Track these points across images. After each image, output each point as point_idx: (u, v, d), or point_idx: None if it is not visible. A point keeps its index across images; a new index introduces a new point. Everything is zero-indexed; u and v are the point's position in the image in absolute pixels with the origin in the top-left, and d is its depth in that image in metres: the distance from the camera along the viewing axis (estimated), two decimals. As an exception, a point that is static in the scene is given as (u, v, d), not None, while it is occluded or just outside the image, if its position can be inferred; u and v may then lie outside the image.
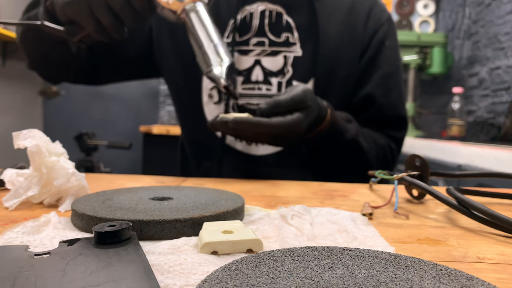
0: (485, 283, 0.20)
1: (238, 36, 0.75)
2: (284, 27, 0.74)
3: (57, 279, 0.20)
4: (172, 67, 0.81)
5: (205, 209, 0.33)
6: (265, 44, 0.74)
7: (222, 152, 0.75)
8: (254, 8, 0.75)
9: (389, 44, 0.78)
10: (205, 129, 0.76)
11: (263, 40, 0.74)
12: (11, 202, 0.38)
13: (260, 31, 0.74)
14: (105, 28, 0.56)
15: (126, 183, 0.56)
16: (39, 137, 0.40)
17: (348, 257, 0.23)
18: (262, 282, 0.19)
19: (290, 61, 0.74)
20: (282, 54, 0.74)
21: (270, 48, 0.74)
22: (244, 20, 0.75)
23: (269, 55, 0.74)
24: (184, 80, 0.79)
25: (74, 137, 2.93)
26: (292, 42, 0.74)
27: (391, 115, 0.78)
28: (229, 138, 0.76)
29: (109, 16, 0.55)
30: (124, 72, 0.88)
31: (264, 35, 0.74)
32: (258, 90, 0.74)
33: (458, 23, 2.64)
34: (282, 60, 0.74)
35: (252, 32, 0.75)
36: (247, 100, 0.74)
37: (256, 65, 0.74)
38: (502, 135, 1.67)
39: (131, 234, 0.26)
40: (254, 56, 0.74)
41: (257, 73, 0.74)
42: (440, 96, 2.78)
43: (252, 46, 0.74)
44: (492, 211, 0.35)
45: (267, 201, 0.45)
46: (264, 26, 0.74)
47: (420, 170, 0.49)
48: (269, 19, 0.74)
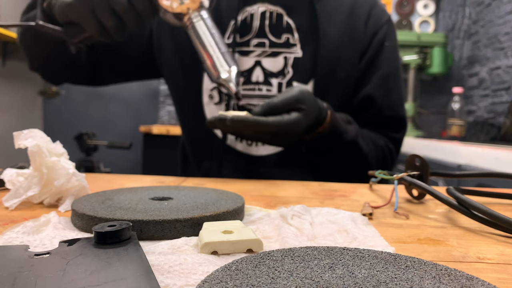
0: (485, 283, 0.20)
1: (238, 37, 0.75)
2: (285, 28, 0.74)
3: (57, 279, 0.20)
4: (172, 68, 0.81)
5: (205, 209, 0.33)
6: (266, 45, 0.74)
7: (223, 152, 0.75)
8: (255, 9, 0.75)
9: (389, 45, 0.79)
10: (205, 130, 0.76)
11: (263, 41, 0.74)
12: (11, 202, 0.38)
13: (260, 32, 0.74)
14: (107, 30, 0.56)
15: (126, 183, 0.56)
16: (40, 137, 0.40)
17: (348, 257, 0.23)
18: (262, 282, 0.19)
19: (291, 62, 0.74)
20: (282, 55, 0.74)
21: (270, 49, 0.74)
22: (244, 21, 0.75)
23: (269, 56, 0.74)
24: (184, 81, 0.79)
25: (74, 137, 2.93)
26: (292, 43, 0.74)
27: (390, 115, 0.78)
28: (230, 139, 0.76)
29: (112, 18, 0.55)
30: (125, 73, 0.89)
31: (265, 36, 0.74)
32: (258, 91, 0.74)
33: (458, 23, 2.64)
34: (282, 61, 0.74)
35: (252, 33, 0.75)
36: (247, 101, 0.74)
37: (256, 66, 0.74)
38: (502, 135, 1.67)
39: (131, 234, 0.26)
40: (255, 57, 0.74)
41: (258, 74, 0.74)
42: (440, 96, 2.78)
43: (252, 47, 0.74)
44: (492, 211, 0.35)
45: (267, 201, 0.45)
46: (265, 27, 0.74)
47: (420, 170, 0.49)
48: (269, 20, 0.74)
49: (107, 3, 0.54)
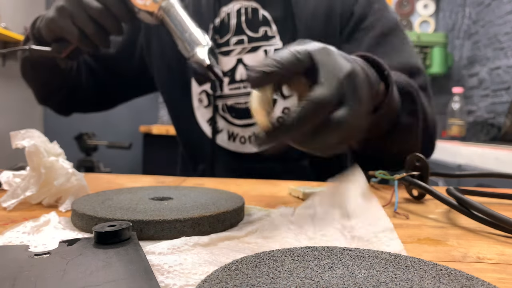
0: (485, 283, 0.20)
1: (219, 38, 0.75)
2: (261, 21, 0.74)
3: (57, 279, 0.20)
4: (161, 73, 0.82)
5: (205, 209, 0.33)
6: (244, 42, 0.74)
7: (213, 154, 0.75)
8: (230, 8, 0.75)
9: (379, 6, 0.73)
10: (197, 133, 0.77)
11: (242, 38, 0.74)
12: (9, 203, 0.38)
13: (238, 29, 0.74)
14: (89, 38, 0.57)
15: (126, 183, 0.56)
16: (37, 137, 0.40)
17: (348, 257, 0.23)
18: (262, 282, 0.19)
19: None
20: (262, 49, 0.73)
21: (249, 45, 0.74)
22: (222, 21, 0.75)
23: (249, 51, 0.74)
24: (173, 87, 0.80)
25: (74, 137, 2.93)
26: (270, 35, 0.74)
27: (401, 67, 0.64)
28: (220, 139, 0.76)
29: (91, 24, 0.56)
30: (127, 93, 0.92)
31: (243, 33, 0.74)
32: (244, 88, 0.74)
33: (458, 23, 2.64)
34: (263, 54, 0.73)
35: (231, 32, 0.75)
36: (235, 100, 0.74)
37: (238, 64, 0.74)
38: (502, 135, 1.67)
39: (131, 234, 0.26)
40: (236, 55, 0.74)
41: (241, 72, 0.74)
42: (440, 96, 2.78)
43: (232, 46, 0.74)
44: (492, 211, 0.35)
45: (267, 201, 0.45)
46: (241, 23, 0.74)
47: (420, 170, 0.49)
48: (245, 16, 0.74)
49: (84, 11, 0.55)
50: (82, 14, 0.55)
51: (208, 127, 0.76)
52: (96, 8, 0.55)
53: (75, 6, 0.55)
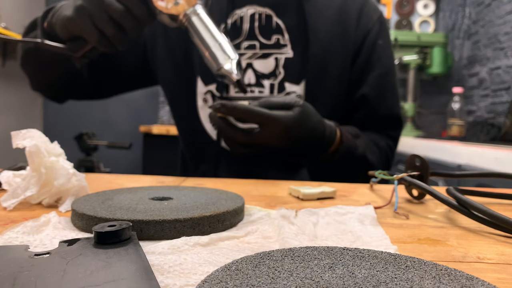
0: (485, 283, 0.20)
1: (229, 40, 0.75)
2: (274, 29, 0.74)
3: (57, 279, 0.20)
4: (166, 72, 0.81)
5: (205, 209, 0.33)
6: (256, 47, 0.74)
7: (218, 155, 0.75)
8: (244, 12, 0.75)
9: (382, 43, 0.78)
10: (201, 134, 0.77)
11: (254, 43, 0.74)
12: (9, 202, 0.38)
13: (250, 34, 0.75)
14: (109, 39, 0.56)
15: (126, 183, 0.56)
16: (38, 137, 0.40)
17: (348, 257, 0.23)
18: (262, 282, 0.19)
19: (282, 63, 0.74)
20: (273, 56, 0.74)
21: (261, 51, 0.74)
22: (234, 24, 0.75)
23: (260, 57, 0.74)
24: (178, 85, 0.80)
25: (74, 137, 2.93)
26: (282, 44, 0.74)
27: (386, 115, 0.79)
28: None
29: (112, 26, 0.55)
30: (125, 83, 0.90)
31: (255, 38, 0.74)
32: (250, 93, 0.74)
33: (458, 23, 2.64)
34: (273, 62, 0.74)
35: (243, 36, 0.75)
36: None
37: (248, 68, 0.74)
38: (502, 135, 1.67)
39: (131, 234, 0.26)
40: (246, 59, 0.74)
41: (249, 76, 0.74)
42: (440, 96, 2.78)
43: (243, 50, 0.74)
44: (492, 211, 0.35)
45: (267, 201, 0.45)
46: (254, 29, 0.74)
47: (420, 170, 0.49)
48: (259, 22, 0.74)
49: (104, 12, 0.54)
50: (102, 15, 0.54)
51: (211, 128, 0.76)
52: (117, 9, 0.54)
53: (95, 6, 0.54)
